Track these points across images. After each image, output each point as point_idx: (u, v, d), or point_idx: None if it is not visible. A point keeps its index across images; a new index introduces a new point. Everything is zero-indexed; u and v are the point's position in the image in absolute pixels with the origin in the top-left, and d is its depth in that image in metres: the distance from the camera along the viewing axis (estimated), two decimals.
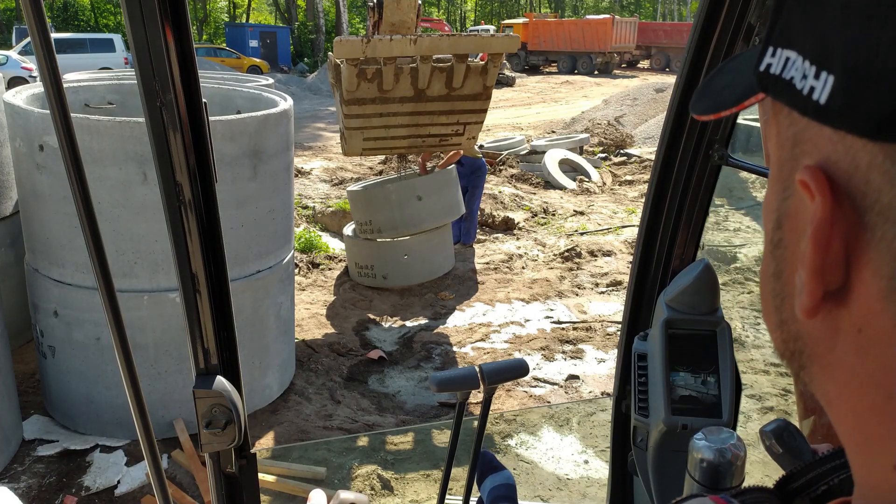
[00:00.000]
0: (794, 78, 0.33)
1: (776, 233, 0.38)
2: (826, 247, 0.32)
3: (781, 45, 0.35)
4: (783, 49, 0.34)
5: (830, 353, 0.34)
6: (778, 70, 0.35)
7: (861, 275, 0.31)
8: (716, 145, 1.41)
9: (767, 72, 0.36)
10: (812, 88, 0.32)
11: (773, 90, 0.36)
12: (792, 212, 0.36)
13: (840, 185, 0.32)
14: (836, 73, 0.30)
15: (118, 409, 3.65)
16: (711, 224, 6.36)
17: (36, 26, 0.77)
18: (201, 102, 0.92)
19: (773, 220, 0.38)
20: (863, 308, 0.32)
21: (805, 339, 0.36)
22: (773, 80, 0.35)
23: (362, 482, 3.39)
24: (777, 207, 0.37)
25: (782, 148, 0.37)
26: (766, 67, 0.36)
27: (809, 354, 0.36)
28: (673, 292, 1.43)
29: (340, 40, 4.33)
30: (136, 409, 0.99)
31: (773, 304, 0.39)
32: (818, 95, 0.31)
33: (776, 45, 0.35)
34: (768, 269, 0.39)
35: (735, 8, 1.26)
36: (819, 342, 0.35)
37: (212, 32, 43.95)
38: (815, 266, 0.32)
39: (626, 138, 12.29)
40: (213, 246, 1.00)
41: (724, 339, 1.41)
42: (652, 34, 35.47)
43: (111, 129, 3.28)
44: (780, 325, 0.38)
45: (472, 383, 1.51)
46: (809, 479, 0.52)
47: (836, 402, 0.35)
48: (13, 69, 18.50)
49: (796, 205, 0.35)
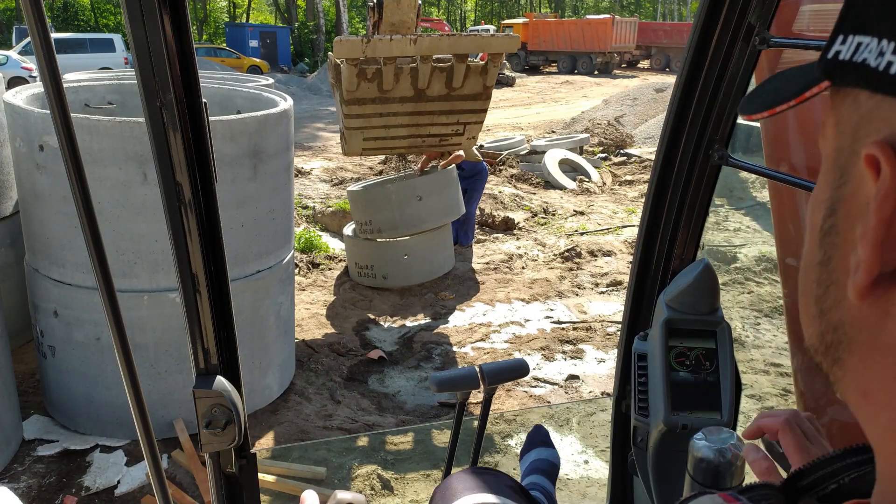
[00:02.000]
0: (868, 59, 0.33)
1: (828, 220, 0.37)
2: (890, 221, 0.32)
3: (853, 32, 0.35)
4: (854, 35, 0.35)
5: (876, 339, 0.34)
6: (848, 56, 0.35)
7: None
8: (716, 145, 1.41)
9: (836, 58, 0.36)
10: (890, 63, 0.32)
11: (839, 76, 0.36)
12: (848, 197, 0.35)
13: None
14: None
15: (118, 409, 3.65)
16: (711, 224, 6.36)
17: (36, 26, 0.77)
18: (201, 102, 0.92)
19: (826, 208, 0.37)
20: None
21: (846, 328, 0.36)
22: (842, 66, 0.35)
23: (362, 482, 3.39)
24: (830, 196, 0.37)
25: (842, 136, 0.36)
26: (834, 55, 0.36)
27: (849, 343, 0.36)
28: (673, 292, 1.43)
29: (340, 40, 4.33)
30: (136, 409, 0.99)
31: (816, 293, 0.38)
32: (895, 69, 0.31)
33: (847, 32, 0.35)
34: (814, 259, 0.39)
35: (735, 8, 1.26)
36: (864, 328, 0.35)
37: (212, 32, 43.94)
38: (878, 239, 0.32)
39: (626, 138, 12.29)
40: (213, 246, 1.00)
41: (724, 339, 1.41)
42: (652, 34, 35.48)
43: (111, 129, 3.28)
44: (819, 316, 0.38)
45: (472, 383, 1.51)
46: (818, 478, 0.51)
47: (875, 391, 0.35)
48: (13, 69, 18.50)
49: (854, 189, 0.35)
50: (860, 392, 0.36)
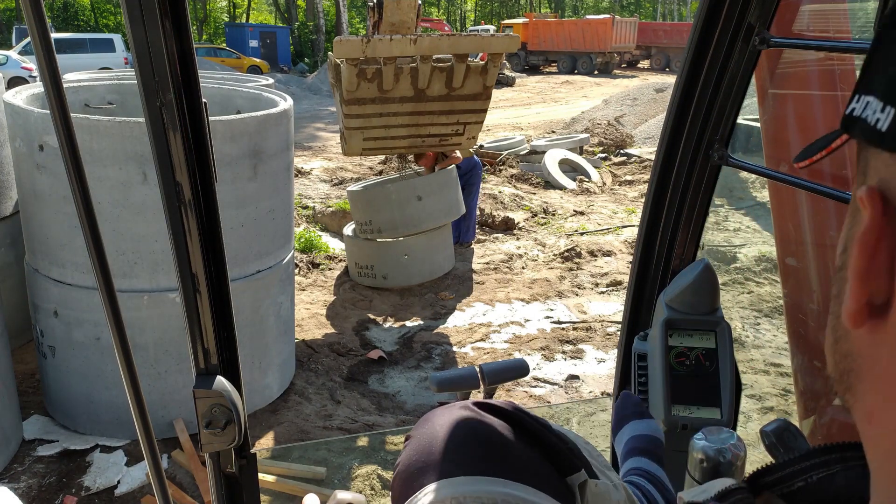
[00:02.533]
0: (868, 116, 0.38)
1: (841, 257, 0.40)
2: (872, 255, 0.36)
3: (864, 92, 0.39)
4: (865, 95, 0.39)
5: (876, 366, 0.37)
6: (859, 112, 0.39)
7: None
8: (716, 145, 1.41)
9: (851, 114, 0.40)
10: (878, 120, 0.37)
11: (852, 129, 0.40)
12: (856, 235, 0.39)
13: (891, 200, 0.36)
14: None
15: (118, 409, 3.65)
16: (711, 224, 6.36)
17: (36, 26, 0.77)
18: (201, 102, 0.92)
19: (842, 245, 0.41)
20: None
21: (854, 356, 0.39)
22: (854, 121, 0.40)
23: (362, 482, 3.39)
24: (846, 234, 0.41)
25: (857, 181, 0.41)
26: (850, 111, 0.41)
27: (857, 371, 0.38)
28: (673, 292, 1.43)
29: (340, 40, 4.33)
30: (136, 409, 0.99)
31: (832, 323, 0.41)
32: (882, 125, 0.36)
33: (861, 92, 0.40)
34: (832, 291, 0.42)
35: (735, 8, 1.26)
36: (865, 356, 0.38)
37: (212, 32, 43.94)
38: (860, 271, 0.36)
39: (626, 138, 12.29)
40: (213, 246, 1.00)
41: (724, 339, 1.41)
42: (652, 34, 35.49)
43: (111, 129, 3.28)
44: (834, 344, 0.41)
45: (473, 383, 1.51)
46: (785, 475, 0.52)
47: (878, 415, 0.37)
48: (13, 69, 18.51)
49: (859, 230, 0.38)
50: (866, 416, 0.38)
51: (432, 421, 0.77)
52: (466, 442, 0.72)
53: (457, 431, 0.73)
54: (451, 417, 0.76)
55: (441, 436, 0.73)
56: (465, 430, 0.74)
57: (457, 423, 0.75)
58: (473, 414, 0.77)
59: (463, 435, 0.73)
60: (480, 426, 0.75)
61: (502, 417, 0.77)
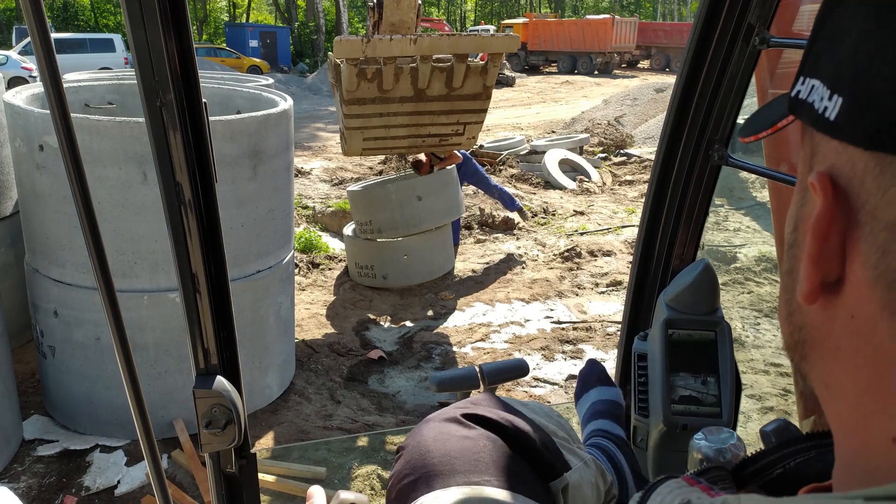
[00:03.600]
0: (815, 101, 0.39)
1: (792, 234, 0.43)
2: (824, 239, 0.37)
3: (809, 75, 0.41)
4: (810, 78, 0.41)
5: (829, 339, 0.39)
6: (805, 95, 0.41)
7: (853, 266, 0.37)
8: (716, 145, 1.41)
9: (797, 97, 0.42)
10: (825, 108, 0.38)
11: (799, 111, 0.42)
12: (806, 215, 0.41)
13: (841, 187, 0.37)
14: (844, 95, 0.37)
15: (118, 409, 3.65)
16: (711, 224, 6.35)
17: (36, 26, 0.77)
18: (201, 102, 0.92)
19: (792, 223, 0.43)
20: (854, 295, 0.37)
21: (808, 329, 0.41)
22: (800, 104, 0.41)
23: (362, 482, 3.39)
24: (795, 213, 0.43)
25: (804, 162, 0.43)
26: (796, 93, 0.42)
27: (811, 342, 0.41)
28: (673, 292, 1.43)
29: (340, 40, 4.33)
30: (136, 409, 0.99)
31: (785, 297, 0.44)
32: (829, 113, 0.38)
33: (805, 74, 0.41)
34: (784, 267, 0.44)
35: (735, 8, 1.26)
36: (819, 329, 0.40)
37: (212, 32, 43.95)
38: (814, 254, 0.38)
39: (626, 138, 12.29)
40: (213, 246, 1.00)
41: (724, 339, 1.41)
42: (652, 34, 35.49)
43: (111, 129, 3.28)
44: (788, 317, 0.44)
45: (472, 383, 1.51)
46: (764, 465, 0.53)
47: (834, 385, 0.39)
48: (13, 69, 18.51)
49: (809, 210, 0.40)
50: (823, 384, 0.41)
51: (421, 433, 0.79)
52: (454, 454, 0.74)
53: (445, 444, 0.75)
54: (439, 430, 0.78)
55: (430, 449, 0.75)
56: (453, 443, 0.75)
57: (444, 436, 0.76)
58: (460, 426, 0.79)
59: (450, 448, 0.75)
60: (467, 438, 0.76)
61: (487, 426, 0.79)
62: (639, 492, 0.52)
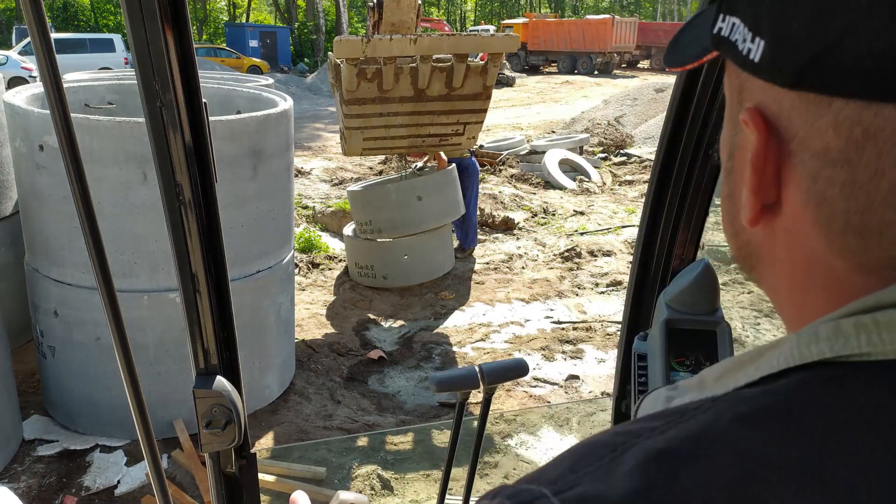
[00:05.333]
0: (738, 40, 0.42)
1: (729, 162, 0.47)
2: (762, 169, 0.42)
3: (729, 13, 0.43)
4: (730, 16, 0.43)
5: (771, 252, 0.45)
6: (727, 33, 0.43)
7: (788, 189, 0.41)
8: (716, 145, 1.41)
9: (719, 34, 0.44)
10: (749, 50, 0.41)
11: (722, 49, 0.45)
12: (740, 144, 0.45)
13: (771, 122, 0.41)
14: (766, 38, 0.39)
15: (118, 409, 3.65)
16: (711, 224, 6.36)
17: (36, 26, 0.77)
18: (201, 102, 0.91)
19: (727, 151, 0.47)
20: (789, 214, 0.42)
21: (753, 245, 0.47)
22: (724, 41, 0.44)
23: (362, 482, 3.39)
24: (730, 142, 0.47)
25: (732, 95, 0.46)
26: (718, 30, 0.45)
27: (757, 255, 0.47)
28: (673, 292, 1.43)
29: (340, 40, 4.33)
30: (136, 409, 0.99)
31: (728, 219, 0.48)
32: (753, 55, 0.40)
33: (725, 12, 0.44)
34: (724, 192, 0.49)
35: None
36: (762, 245, 0.45)
37: (212, 32, 43.95)
38: (754, 185, 0.42)
39: (626, 138, 12.29)
40: (213, 246, 1.00)
41: (725, 339, 1.41)
42: (652, 34, 35.48)
43: (111, 129, 3.28)
44: (734, 235, 0.48)
45: (472, 383, 1.51)
46: None
47: (778, 286, 0.46)
48: (13, 69, 18.51)
49: (743, 140, 0.44)
50: (771, 288, 0.47)
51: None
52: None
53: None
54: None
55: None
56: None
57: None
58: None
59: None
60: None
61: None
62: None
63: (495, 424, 3.93)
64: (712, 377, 0.45)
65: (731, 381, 0.42)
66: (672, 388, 0.51)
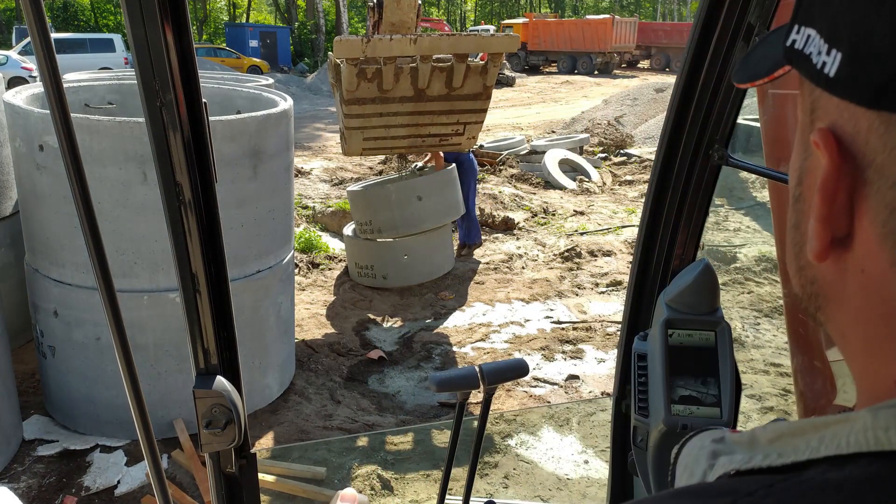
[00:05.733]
0: (812, 53, 0.38)
1: (797, 188, 0.43)
2: (832, 198, 0.37)
3: (804, 24, 0.40)
4: (805, 27, 0.40)
5: (841, 292, 0.40)
6: (801, 45, 0.40)
7: (862, 222, 0.37)
8: (716, 145, 1.41)
9: (793, 47, 0.41)
10: (824, 63, 0.37)
11: (796, 63, 0.41)
12: (810, 169, 0.41)
13: (845, 145, 0.37)
14: (843, 50, 0.36)
15: (118, 409, 3.65)
16: (711, 224, 6.35)
17: (36, 26, 0.77)
18: (201, 102, 0.92)
19: (796, 177, 0.43)
20: (863, 251, 0.37)
21: (819, 282, 0.42)
22: (797, 54, 0.40)
23: (362, 482, 3.39)
24: (799, 166, 0.43)
25: (804, 113, 0.42)
26: (791, 43, 0.41)
27: (824, 295, 0.42)
28: (673, 292, 1.43)
29: (340, 40, 4.33)
30: (136, 409, 0.99)
31: (794, 251, 0.44)
32: (829, 69, 0.37)
33: (800, 23, 0.40)
34: (790, 221, 0.44)
35: (735, 8, 1.26)
36: (831, 283, 0.41)
37: (212, 32, 43.95)
38: (823, 214, 0.38)
39: (626, 138, 12.29)
40: (213, 246, 1.00)
41: (724, 339, 1.41)
42: (652, 34, 35.47)
43: (111, 129, 3.28)
44: (799, 271, 0.44)
45: (472, 383, 1.50)
46: None
47: (849, 334, 0.41)
48: (13, 69, 18.51)
49: (813, 163, 0.40)
50: (839, 333, 0.42)
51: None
52: None
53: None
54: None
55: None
56: None
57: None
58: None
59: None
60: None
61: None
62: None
63: (495, 424, 3.93)
64: (766, 438, 0.41)
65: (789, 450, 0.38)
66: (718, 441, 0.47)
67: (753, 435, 0.42)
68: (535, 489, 3.42)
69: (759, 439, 0.41)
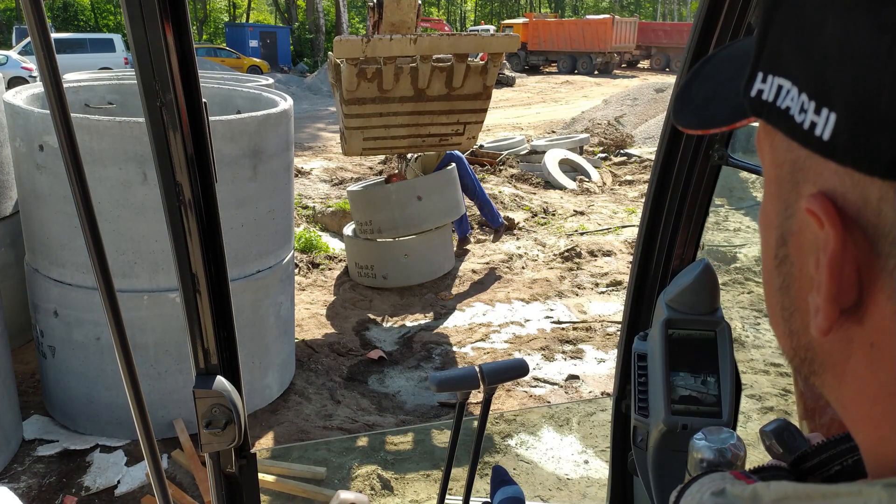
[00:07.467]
0: (791, 109, 0.34)
1: (781, 249, 0.39)
2: (840, 274, 0.34)
3: (772, 73, 0.35)
4: (774, 76, 0.35)
5: (844, 364, 0.36)
6: (771, 97, 0.35)
7: (875, 297, 0.33)
8: (716, 145, 1.41)
9: (760, 98, 0.36)
10: (813, 124, 0.32)
11: (768, 117, 0.36)
12: (796, 231, 0.37)
13: (850, 215, 0.33)
14: (838, 110, 0.31)
15: (118, 409, 3.65)
16: (711, 224, 6.36)
17: (36, 26, 0.77)
18: (201, 102, 0.92)
19: (777, 236, 0.39)
20: (876, 326, 0.33)
21: (816, 351, 0.38)
22: (768, 107, 0.36)
23: (362, 482, 3.39)
24: (780, 224, 0.38)
25: (780, 167, 0.38)
26: (757, 93, 0.36)
27: (822, 363, 0.38)
28: (673, 292, 1.43)
29: (340, 40, 4.33)
30: (136, 409, 0.99)
31: (782, 315, 0.40)
32: (821, 132, 0.32)
33: (766, 71, 0.36)
34: (774, 283, 0.40)
35: (735, 8, 1.26)
36: (832, 354, 0.37)
37: (212, 32, 43.96)
38: (831, 293, 0.34)
39: (626, 138, 12.29)
40: (213, 246, 1.00)
41: (724, 339, 1.41)
42: (652, 34, 35.48)
43: (111, 129, 3.28)
44: (789, 335, 0.40)
45: (472, 383, 1.51)
46: (823, 460, 0.53)
47: (851, 407, 0.38)
48: (13, 69, 18.51)
49: (800, 226, 0.36)
50: (841, 405, 0.39)
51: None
52: None
53: None
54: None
55: None
56: None
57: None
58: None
59: None
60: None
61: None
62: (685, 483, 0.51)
63: (495, 424, 3.93)
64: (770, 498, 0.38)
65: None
66: (718, 494, 0.43)
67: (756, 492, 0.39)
68: (535, 489, 3.42)
69: (763, 498, 0.38)
